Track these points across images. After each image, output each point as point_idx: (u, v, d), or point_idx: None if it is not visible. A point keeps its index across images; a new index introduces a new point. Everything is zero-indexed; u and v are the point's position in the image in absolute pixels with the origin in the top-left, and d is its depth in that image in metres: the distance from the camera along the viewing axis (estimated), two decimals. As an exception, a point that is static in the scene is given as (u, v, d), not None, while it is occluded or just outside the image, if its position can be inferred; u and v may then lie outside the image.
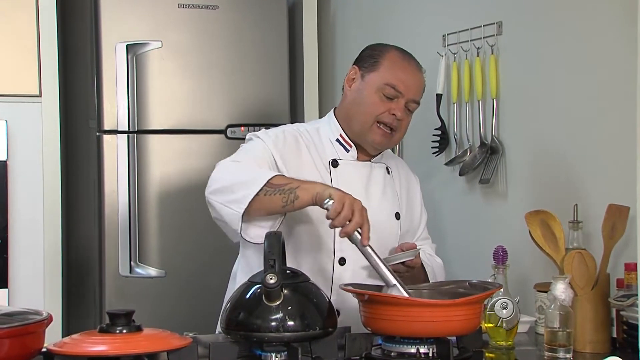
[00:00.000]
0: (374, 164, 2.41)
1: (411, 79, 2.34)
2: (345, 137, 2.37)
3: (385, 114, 2.30)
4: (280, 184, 2.09)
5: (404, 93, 2.31)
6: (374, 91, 2.32)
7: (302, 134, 2.37)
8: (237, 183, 2.12)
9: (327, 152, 2.36)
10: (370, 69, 2.35)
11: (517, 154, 2.75)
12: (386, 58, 2.35)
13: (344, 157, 2.37)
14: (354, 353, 1.95)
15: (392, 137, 2.35)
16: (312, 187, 2.08)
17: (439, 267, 2.47)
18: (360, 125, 2.33)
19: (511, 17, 2.77)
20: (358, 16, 3.63)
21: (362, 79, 2.36)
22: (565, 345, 1.99)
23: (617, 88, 2.37)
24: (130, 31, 3.30)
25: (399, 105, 2.31)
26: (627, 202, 2.22)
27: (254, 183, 2.09)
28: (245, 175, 2.14)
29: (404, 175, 2.51)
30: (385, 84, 2.31)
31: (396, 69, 2.33)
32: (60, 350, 1.71)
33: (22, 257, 3.27)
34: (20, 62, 3.29)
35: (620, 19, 2.35)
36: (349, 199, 2.04)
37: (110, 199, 3.27)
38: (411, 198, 2.50)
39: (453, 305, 1.92)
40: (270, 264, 1.86)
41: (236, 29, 3.46)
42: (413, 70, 2.36)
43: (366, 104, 2.32)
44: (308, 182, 2.12)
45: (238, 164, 2.22)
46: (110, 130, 3.28)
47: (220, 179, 2.18)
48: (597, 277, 2.15)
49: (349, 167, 2.35)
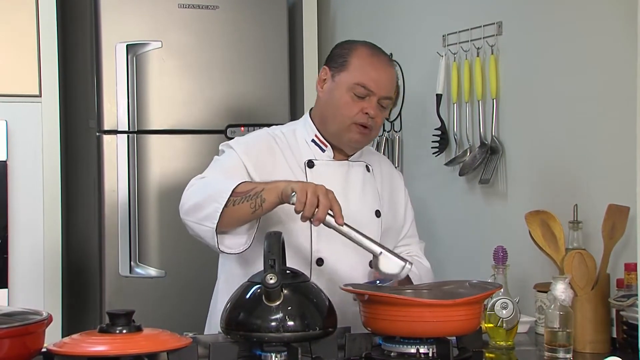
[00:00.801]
0: (352, 162, 2.39)
1: (381, 76, 2.31)
2: (320, 138, 2.36)
3: (359, 114, 2.28)
4: (245, 191, 2.10)
5: (375, 91, 2.28)
6: (345, 91, 2.29)
7: (277, 137, 2.37)
8: (205, 199, 2.14)
9: (303, 153, 2.35)
10: (339, 68, 2.32)
11: (517, 154, 2.75)
12: (355, 56, 2.32)
13: (320, 157, 2.36)
14: (353, 353, 1.95)
15: (369, 135, 2.34)
16: (275, 186, 2.09)
17: (425, 272, 2.45)
18: (336, 127, 2.32)
19: (511, 17, 2.77)
20: (358, 16, 3.63)
21: (332, 80, 2.33)
22: (565, 345, 1.99)
23: (617, 88, 2.37)
24: (130, 31, 3.30)
25: (371, 103, 2.28)
26: (627, 202, 2.22)
27: (220, 196, 2.10)
28: (212, 189, 2.16)
29: (386, 172, 2.50)
30: (356, 83, 2.28)
31: (365, 67, 2.31)
32: (60, 350, 1.71)
33: (22, 257, 3.27)
34: (20, 62, 3.29)
35: (621, 19, 2.35)
36: (311, 186, 2.04)
37: (110, 198, 3.27)
38: (394, 195, 2.48)
39: (453, 305, 1.92)
40: (270, 264, 1.86)
41: (236, 29, 3.46)
42: (383, 67, 2.33)
43: (339, 106, 2.30)
44: (272, 183, 2.12)
45: (205, 180, 2.23)
46: (110, 130, 3.28)
47: (190, 197, 2.20)
48: (597, 277, 2.15)
49: (325, 167, 2.34)
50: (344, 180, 2.36)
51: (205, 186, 2.19)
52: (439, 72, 3.01)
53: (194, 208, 2.16)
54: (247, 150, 2.31)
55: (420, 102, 3.21)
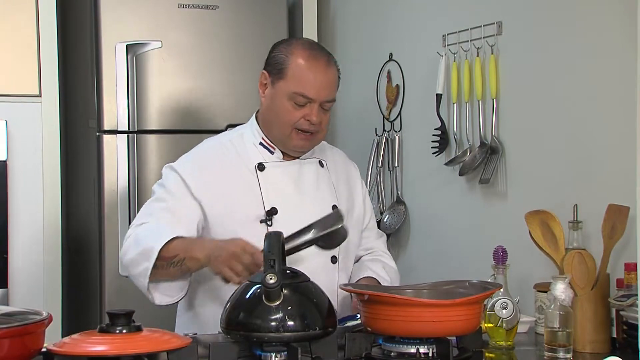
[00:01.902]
0: (303, 160, 2.39)
1: (320, 81, 2.26)
2: (267, 140, 2.36)
3: (301, 121, 2.27)
4: (170, 257, 2.14)
5: (314, 99, 2.26)
6: (286, 100, 2.28)
7: (224, 146, 2.38)
8: (137, 256, 2.19)
9: (252, 157, 2.35)
10: (278, 75, 2.30)
11: (517, 154, 2.75)
12: (292, 63, 2.27)
13: (270, 159, 2.35)
14: (353, 353, 1.95)
15: (313, 139, 2.33)
16: (192, 257, 2.14)
17: (394, 274, 2.46)
18: (279, 134, 2.32)
19: (511, 17, 2.77)
20: (358, 16, 3.63)
21: (272, 86, 2.32)
22: (565, 345, 1.99)
23: (617, 88, 2.37)
24: (130, 31, 3.30)
25: (312, 110, 2.26)
26: (626, 202, 2.21)
27: (149, 256, 2.15)
28: (143, 245, 2.19)
29: (341, 166, 2.49)
30: (294, 92, 2.26)
31: (303, 75, 2.26)
32: (60, 350, 1.71)
33: (22, 257, 3.26)
34: (20, 62, 3.29)
35: (621, 19, 2.35)
36: (227, 259, 2.07)
37: (110, 198, 3.27)
38: (351, 187, 2.48)
39: (453, 305, 1.92)
40: (270, 264, 1.86)
41: (236, 29, 3.46)
42: (321, 71, 2.27)
43: (280, 113, 2.29)
44: (191, 250, 2.15)
45: (138, 234, 2.24)
46: (110, 130, 3.28)
47: (126, 252, 2.24)
48: (597, 277, 2.15)
49: (275, 169, 2.34)
50: (296, 180, 2.35)
51: (137, 242, 2.22)
52: (439, 72, 3.01)
53: (128, 264, 2.23)
54: (192, 169, 2.32)
55: (420, 102, 3.21)
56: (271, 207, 2.29)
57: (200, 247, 2.16)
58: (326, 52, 2.34)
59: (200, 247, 2.16)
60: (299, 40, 2.36)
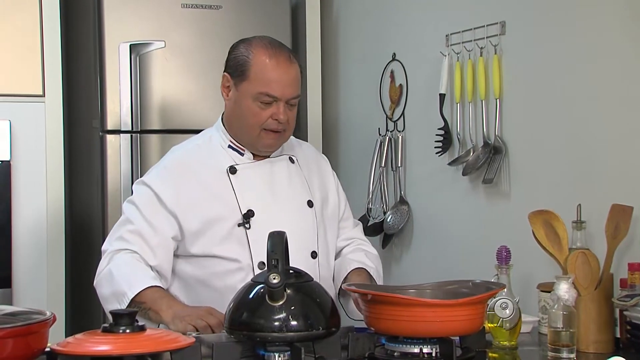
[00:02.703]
0: (274, 159, 2.38)
1: (284, 79, 2.25)
2: (236, 143, 2.35)
3: (268, 121, 2.27)
4: (137, 301, 2.16)
5: (280, 97, 2.25)
6: (251, 101, 2.27)
7: (193, 153, 2.37)
8: (110, 295, 2.21)
9: (223, 160, 2.34)
10: (240, 78, 2.28)
11: (521, 153, 2.75)
12: (253, 64, 2.26)
13: (241, 161, 2.35)
14: (357, 353, 1.94)
15: (283, 136, 2.33)
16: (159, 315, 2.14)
17: (377, 260, 2.47)
18: (247, 136, 2.31)
19: (514, 17, 2.77)
20: (361, 16, 3.63)
21: (235, 88, 2.31)
22: (568, 345, 1.99)
23: (621, 88, 2.37)
24: (134, 31, 3.30)
25: (279, 109, 2.26)
26: (630, 202, 2.21)
27: (121, 300, 2.18)
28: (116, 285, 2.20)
29: (312, 159, 2.49)
30: (259, 93, 2.25)
31: (266, 75, 2.25)
32: (64, 350, 1.71)
33: (26, 257, 3.27)
34: (23, 62, 3.29)
35: (624, 19, 2.35)
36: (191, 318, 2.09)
37: (113, 198, 3.27)
38: (323, 180, 2.48)
39: (456, 305, 1.92)
40: (273, 263, 1.86)
41: (239, 29, 3.45)
42: (284, 68, 2.26)
43: (247, 115, 2.28)
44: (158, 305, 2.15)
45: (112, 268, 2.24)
46: (114, 130, 3.28)
47: (99, 285, 2.27)
48: (601, 277, 2.14)
49: (247, 170, 2.34)
50: (269, 179, 2.35)
51: (111, 279, 2.23)
52: (442, 72, 3.01)
53: (100, 296, 2.26)
54: (162, 181, 2.31)
55: (424, 102, 3.21)
56: (247, 210, 2.28)
57: (167, 306, 2.17)
58: (287, 49, 2.33)
59: (167, 305, 2.17)
60: (259, 39, 2.33)
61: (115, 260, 2.25)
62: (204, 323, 2.08)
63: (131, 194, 2.39)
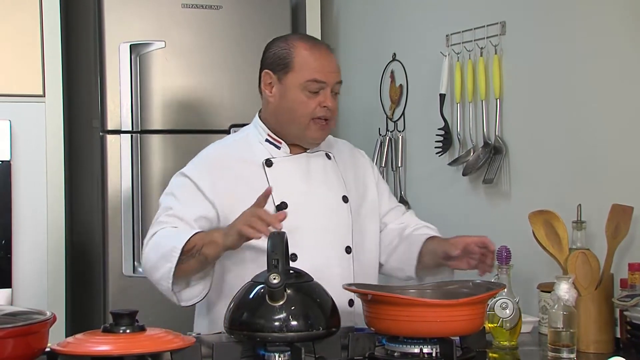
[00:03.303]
0: (311, 154, 2.40)
1: (327, 65, 2.32)
2: (273, 136, 2.37)
3: (317, 109, 2.30)
4: (189, 249, 2.14)
5: (327, 81, 2.30)
6: (299, 91, 2.30)
7: (229, 147, 2.40)
8: (158, 259, 2.19)
9: (259, 154, 2.36)
10: (284, 70, 2.32)
11: (521, 153, 2.75)
12: (296, 55, 2.30)
13: (277, 154, 2.36)
14: (357, 353, 1.94)
15: (329, 127, 2.35)
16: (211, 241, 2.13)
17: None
18: (297, 128, 2.33)
19: (515, 17, 2.77)
20: (361, 16, 3.63)
21: (279, 83, 2.33)
22: (568, 345, 1.99)
23: (621, 88, 2.37)
24: (134, 31, 3.30)
25: (326, 95, 2.30)
26: (630, 202, 2.21)
27: (170, 257, 2.15)
28: (163, 248, 2.19)
29: (348, 155, 2.50)
30: (307, 80, 2.29)
31: (310, 63, 2.30)
32: (64, 350, 1.72)
33: (26, 257, 3.27)
34: (23, 62, 3.29)
35: (625, 19, 2.35)
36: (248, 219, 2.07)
37: (113, 198, 3.27)
38: (361, 175, 2.48)
39: (457, 305, 1.92)
40: (273, 264, 1.86)
41: (239, 29, 3.46)
42: (326, 55, 2.33)
43: (295, 107, 2.30)
44: (207, 236, 2.16)
45: (156, 239, 2.25)
46: (114, 130, 3.28)
47: (147, 259, 2.25)
48: (601, 277, 2.14)
49: (283, 164, 2.35)
50: (305, 173, 2.36)
51: (157, 247, 2.23)
52: (442, 72, 3.01)
53: (150, 270, 2.23)
54: (200, 172, 2.34)
55: (424, 102, 3.21)
56: (281, 202, 2.28)
57: (215, 231, 2.18)
58: (325, 43, 2.40)
59: (215, 231, 2.18)
60: (293, 34, 2.44)
61: (156, 236, 2.26)
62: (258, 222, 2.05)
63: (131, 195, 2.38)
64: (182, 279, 2.19)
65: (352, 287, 2.04)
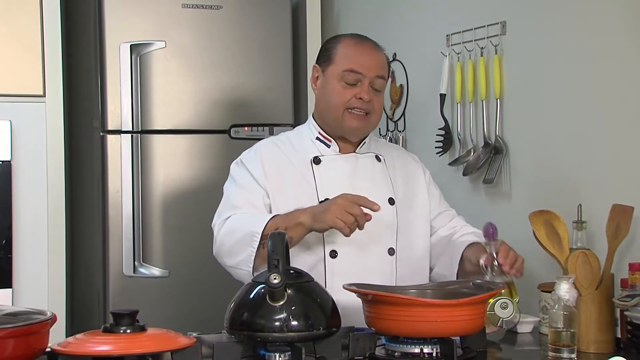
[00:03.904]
0: (360, 154, 2.42)
1: (367, 58, 2.35)
2: (324, 134, 2.40)
3: (352, 100, 2.32)
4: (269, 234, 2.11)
5: (364, 73, 2.32)
6: (336, 81, 2.34)
7: (281, 142, 2.43)
8: (236, 243, 2.23)
9: (309, 151, 2.39)
10: (327, 62, 2.37)
11: (521, 154, 2.75)
12: (339, 47, 2.37)
13: (326, 152, 2.39)
14: (357, 353, 1.94)
15: (368, 120, 2.36)
16: (297, 223, 2.17)
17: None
18: (333, 118, 2.36)
19: (515, 17, 2.77)
20: (362, 16, 3.63)
21: (323, 75, 2.38)
22: (569, 345, 1.99)
23: (622, 88, 2.37)
24: (134, 31, 3.30)
25: (363, 87, 2.32)
26: (631, 202, 2.21)
27: (252, 239, 2.18)
28: (241, 232, 2.22)
29: (399, 159, 2.51)
30: (344, 70, 2.33)
31: (351, 54, 2.35)
32: (65, 350, 1.72)
33: (26, 257, 3.27)
34: (24, 62, 3.29)
35: (625, 19, 2.35)
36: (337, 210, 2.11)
37: (114, 198, 3.27)
38: (411, 179, 2.48)
39: (457, 305, 1.92)
40: (274, 264, 1.86)
41: (240, 29, 3.46)
42: (368, 50, 2.37)
43: (332, 96, 2.34)
44: (292, 218, 2.18)
45: (232, 223, 2.27)
46: (114, 130, 3.28)
47: (223, 242, 2.28)
48: (601, 277, 2.14)
49: (331, 162, 2.37)
50: (352, 172, 2.38)
51: (233, 231, 2.26)
52: (442, 72, 3.01)
53: (228, 254, 2.26)
54: (254, 162, 2.38)
55: (424, 102, 3.21)
56: (325, 198, 2.29)
57: (301, 212, 2.20)
58: (374, 42, 2.43)
59: (300, 212, 2.20)
60: (348, 33, 2.47)
61: (228, 222, 2.29)
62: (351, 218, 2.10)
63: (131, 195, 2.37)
64: (262, 262, 2.18)
65: (352, 287, 2.04)
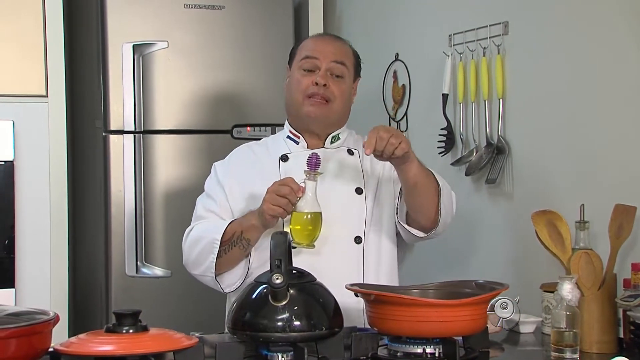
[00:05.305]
0: (329, 149, 2.43)
1: (324, 45, 2.42)
2: (293, 131, 2.45)
3: (309, 87, 2.36)
4: (228, 238, 2.24)
5: (319, 57, 2.38)
6: (297, 72, 2.40)
7: (258, 145, 2.50)
8: (200, 253, 2.30)
9: (279, 149, 2.44)
10: (291, 59, 2.46)
11: (524, 153, 2.75)
12: (302, 43, 2.48)
13: (295, 150, 2.43)
14: (360, 353, 1.95)
15: (328, 107, 2.39)
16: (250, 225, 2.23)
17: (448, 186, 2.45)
18: (295, 108, 2.41)
19: (517, 16, 2.76)
20: (364, 16, 3.63)
21: (289, 71, 2.46)
22: (571, 345, 1.99)
23: (624, 87, 2.37)
24: (137, 31, 3.30)
25: (320, 73, 2.37)
26: (634, 202, 2.21)
27: (212, 248, 2.26)
28: (203, 241, 2.30)
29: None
30: (301, 59, 2.39)
31: (308, 43, 2.45)
32: (67, 350, 1.72)
33: (29, 257, 3.27)
34: (26, 62, 3.29)
35: (627, 19, 2.35)
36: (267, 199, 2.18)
37: (116, 198, 3.28)
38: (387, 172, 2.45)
39: (459, 305, 1.92)
40: (276, 264, 1.86)
41: (242, 29, 3.46)
42: (327, 39, 2.46)
43: (292, 87, 2.41)
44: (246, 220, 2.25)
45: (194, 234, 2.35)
46: (117, 130, 3.28)
47: (188, 253, 2.36)
48: (604, 277, 2.14)
49: (297, 158, 2.39)
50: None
51: (196, 241, 2.33)
52: (445, 72, 3.01)
53: (193, 264, 2.35)
54: (225, 168, 2.46)
55: (427, 102, 3.21)
56: None
57: (251, 214, 2.26)
58: (338, 35, 2.51)
59: (251, 214, 2.26)
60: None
61: (192, 232, 2.37)
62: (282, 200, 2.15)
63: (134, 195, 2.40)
64: (226, 267, 2.29)
65: (354, 287, 2.04)
